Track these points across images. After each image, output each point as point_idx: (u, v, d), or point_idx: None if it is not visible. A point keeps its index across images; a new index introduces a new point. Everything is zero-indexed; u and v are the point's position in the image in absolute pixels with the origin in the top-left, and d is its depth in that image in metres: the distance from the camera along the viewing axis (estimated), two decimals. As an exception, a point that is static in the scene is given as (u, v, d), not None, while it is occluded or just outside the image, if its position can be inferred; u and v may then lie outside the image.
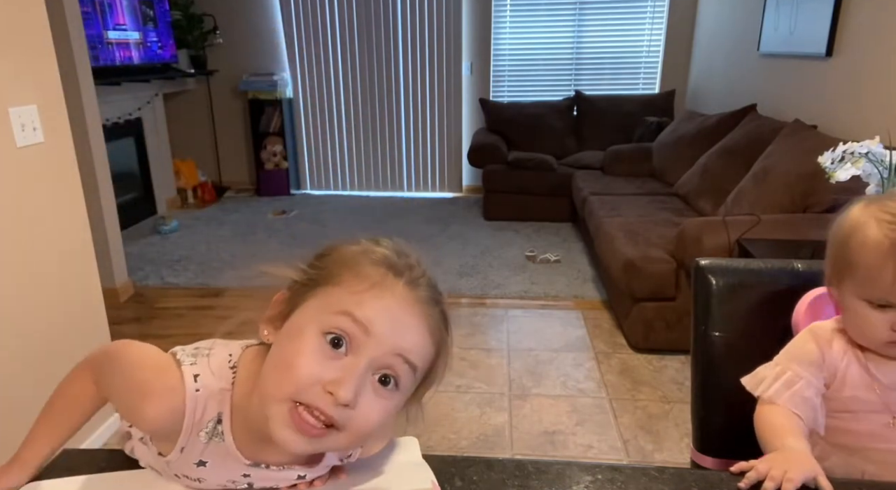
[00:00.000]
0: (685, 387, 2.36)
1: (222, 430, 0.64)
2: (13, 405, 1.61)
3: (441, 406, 2.25)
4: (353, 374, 0.57)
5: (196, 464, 0.66)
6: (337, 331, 0.58)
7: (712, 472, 0.83)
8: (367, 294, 0.59)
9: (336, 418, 0.57)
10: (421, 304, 0.61)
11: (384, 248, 0.64)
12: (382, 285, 0.60)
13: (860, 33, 2.68)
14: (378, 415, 0.60)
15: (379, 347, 0.58)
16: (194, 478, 0.68)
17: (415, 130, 5.33)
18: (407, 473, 0.72)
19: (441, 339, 0.63)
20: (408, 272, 0.62)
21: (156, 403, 0.62)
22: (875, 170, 1.84)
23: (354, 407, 0.58)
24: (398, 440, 0.79)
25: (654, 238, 2.74)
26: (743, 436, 1.06)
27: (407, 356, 0.59)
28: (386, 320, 0.59)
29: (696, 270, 1.08)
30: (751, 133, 3.20)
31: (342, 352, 0.58)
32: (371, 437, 0.64)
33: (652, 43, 5.02)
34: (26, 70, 1.67)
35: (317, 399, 0.57)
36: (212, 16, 5.11)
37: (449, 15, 4.96)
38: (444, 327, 0.64)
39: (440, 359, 0.64)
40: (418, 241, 3.36)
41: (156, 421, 0.62)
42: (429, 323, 0.61)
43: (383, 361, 0.59)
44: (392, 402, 0.61)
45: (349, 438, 0.60)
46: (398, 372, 0.60)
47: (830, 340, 0.89)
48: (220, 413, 0.64)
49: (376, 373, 0.59)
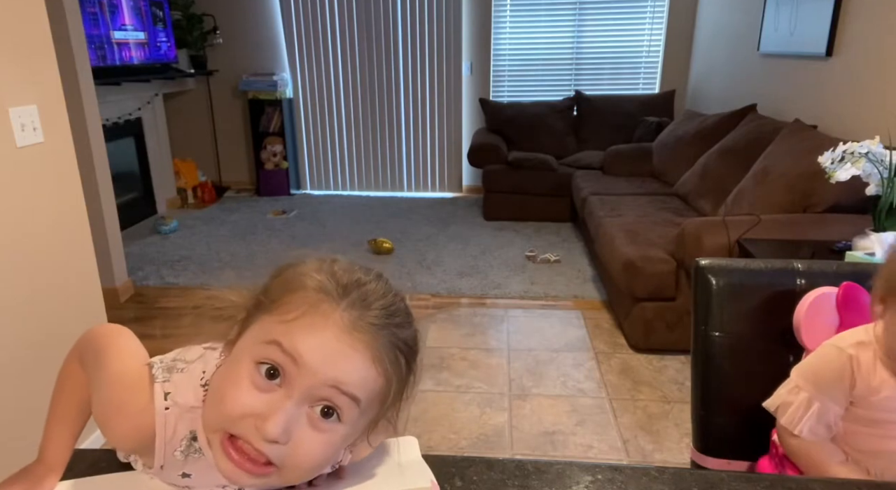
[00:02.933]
0: (685, 387, 2.36)
1: (199, 447, 0.63)
2: (13, 405, 1.61)
3: (441, 406, 2.25)
4: (281, 409, 0.54)
5: (181, 476, 0.65)
6: (269, 361, 0.55)
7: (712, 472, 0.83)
8: (297, 322, 0.56)
9: (269, 455, 0.55)
10: (362, 332, 0.56)
11: (326, 273, 0.59)
12: (315, 312, 0.56)
13: (860, 33, 2.68)
14: (319, 449, 0.57)
15: (311, 379, 0.55)
16: (183, 486, 0.67)
17: (415, 130, 5.33)
18: (407, 473, 0.72)
19: (391, 366, 0.58)
20: (351, 297, 0.57)
21: (123, 421, 0.62)
22: (875, 170, 1.84)
23: (287, 442, 0.55)
24: (398, 440, 0.79)
25: (654, 238, 2.74)
26: (743, 436, 1.06)
27: (343, 388, 0.55)
28: (317, 351, 0.55)
29: (696, 270, 1.08)
30: (751, 133, 3.20)
31: (276, 383, 0.55)
32: (318, 472, 0.62)
33: (652, 43, 5.01)
34: (26, 70, 1.67)
35: (248, 433, 0.55)
36: (212, 16, 5.11)
37: (449, 15, 4.96)
38: (400, 352, 0.59)
39: (392, 387, 0.59)
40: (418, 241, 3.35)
41: (124, 438, 0.63)
42: (373, 351, 0.56)
43: (318, 394, 0.55)
44: (336, 434, 0.58)
45: (292, 475, 0.58)
46: (337, 404, 0.56)
47: (858, 356, 0.87)
48: (192, 431, 0.63)
49: (314, 405, 0.56)
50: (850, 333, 0.92)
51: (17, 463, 0.72)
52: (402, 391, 0.61)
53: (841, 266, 1.05)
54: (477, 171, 4.83)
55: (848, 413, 0.89)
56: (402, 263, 3.70)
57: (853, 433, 0.89)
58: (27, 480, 0.69)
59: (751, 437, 1.04)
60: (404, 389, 0.62)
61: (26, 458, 0.73)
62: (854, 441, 0.89)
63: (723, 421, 1.07)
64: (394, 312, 0.59)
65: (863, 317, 0.91)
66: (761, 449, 1.03)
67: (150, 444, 0.62)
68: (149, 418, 0.62)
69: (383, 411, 0.61)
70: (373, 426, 0.63)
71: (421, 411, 2.21)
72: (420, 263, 3.70)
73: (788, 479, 0.74)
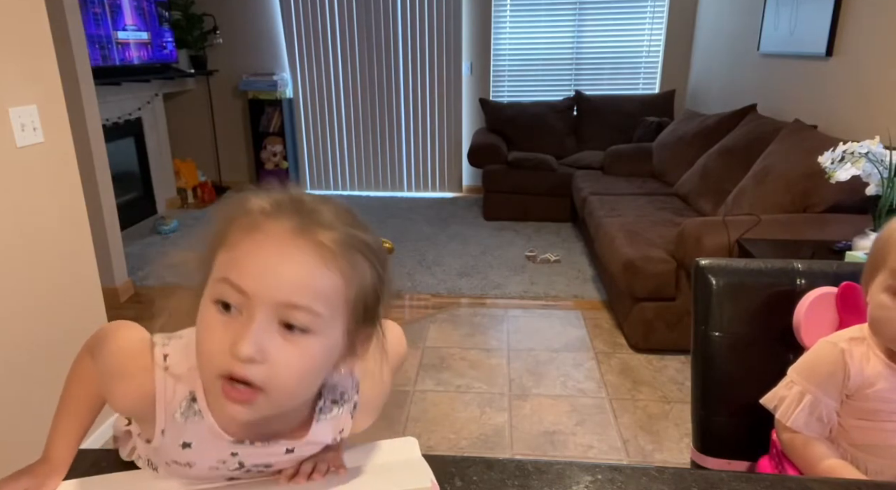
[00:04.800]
0: (685, 387, 2.36)
1: (199, 409, 0.64)
2: (13, 405, 1.61)
3: (441, 406, 2.25)
4: (247, 331, 0.55)
5: (181, 446, 0.66)
6: (221, 299, 0.57)
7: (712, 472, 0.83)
8: (241, 249, 0.57)
9: (252, 378, 0.56)
10: (306, 236, 0.56)
11: (266, 194, 0.60)
12: (257, 231, 0.57)
13: (860, 33, 2.68)
14: (298, 361, 0.58)
15: (263, 303, 0.56)
16: (184, 462, 0.67)
17: (415, 130, 5.32)
18: (406, 473, 0.72)
19: (347, 265, 0.58)
20: (293, 207, 0.58)
21: (126, 383, 0.64)
22: (875, 170, 1.84)
23: (264, 360, 0.56)
24: (397, 440, 0.79)
25: (654, 238, 2.74)
26: (743, 436, 1.06)
27: (297, 303, 0.56)
28: (260, 276, 0.56)
29: (696, 270, 1.08)
30: (751, 133, 3.19)
31: (237, 313, 0.57)
32: (307, 389, 0.62)
33: (652, 43, 5.01)
34: (26, 70, 1.67)
35: (229, 366, 0.56)
36: (212, 16, 5.11)
37: (449, 15, 4.96)
38: (357, 251, 0.59)
39: (353, 287, 0.59)
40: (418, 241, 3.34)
41: (125, 398, 0.65)
42: (321, 252, 0.56)
43: (276, 314, 0.56)
44: (312, 346, 0.58)
45: (279, 394, 0.58)
46: (299, 319, 0.57)
47: (850, 349, 0.89)
48: (192, 392, 0.64)
49: (280, 322, 0.57)
50: (844, 331, 0.93)
51: (17, 464, 0.72)
52: (371, 293, 0.61)
53: (841, 266, 1.05)
54: (477, 171, 4.82)
55: (845, 407, 0.89)
56: (402, 263, 3.70)
57: (851, 428, 0.90)
58: (30, 478, 0.69)
59: (751, 437, 1.04)
60: (376, 291, 0.61)
61: (26, 458, 0.73)
62: (852, 436, 0.90)
63: (723, 421, 1.07)
64: (342, 214, 0.60)
65: (862, 317, 0.91)
66: (761, 449, 1.03)
67: (151, 408, 0.64)
68: (150, 380, 0.63)
69: (356, 315, 0.61)
70: (354, 334, 0.62)
71: (421, 411, 2.21)
72: (420, 263, 3.70)
73: (788, 478, 0.74)
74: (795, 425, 0.91)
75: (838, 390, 0.89)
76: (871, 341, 0.89)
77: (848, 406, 0.89)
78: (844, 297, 0.96)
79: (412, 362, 2.56)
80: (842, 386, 0.88)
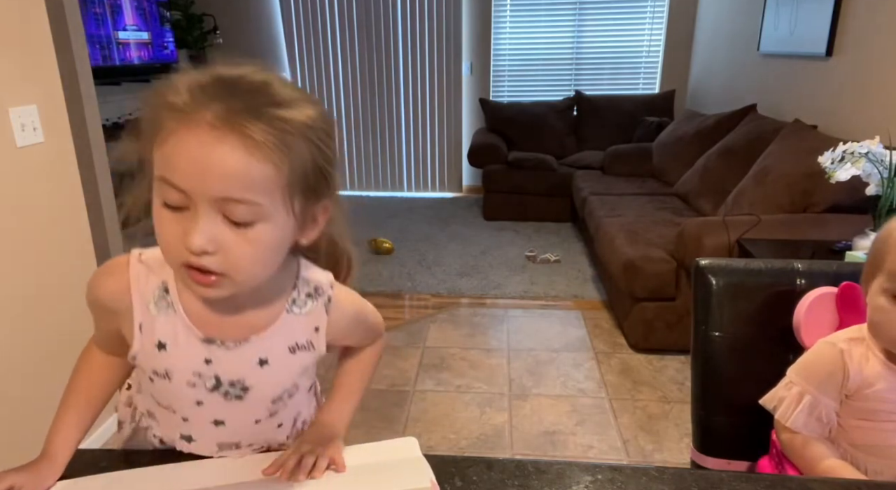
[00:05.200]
0: (685, 387, 2.36)
1: (171, 301, 0.68)
2: (13, 407, 1.61)
3: (441, 406, 2.25)
4: (194, 224, 0.58)
5: (157, 347, 0.68)
6: (165, 198, 0.59)
7: (712, 472, 0.83)
8: (171, 145, 0.57)
9: (209, 267, 0.59)
10: (228, 126, 0.56)
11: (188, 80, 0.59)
12: (181, 125, 0.56)
13: (860, 33, 2.68)
14: (249, 248, 0.60)
15: (202, 199, 0.57)
16: (162, 372, 0.70)
17: (415, 130, 5.32)
18: (406, 472, 0.72)
19: (274, 150, 0.57)
20: (212, 93, 0.57)
21: (107, 275, 0.70)
22: (875, 170, 1.84)
23: (217, 250, 0.59)
24: (398, 440, 0.79)
25: (654, 238, 2.74)
26: (743, 436, 1.06)
27: (233, 197, 0.57)
28: (190, 172, 0.57)
29: (696, 270, 1.08)
30: (751, 133, 3.19)
31: (184, 208, 0.59)
32: (268, 268, 0.64)
33: (652, 43, 5.01)
34: (26, 70, 1.67)
35: (187, 257, 0.59)
36: (212, 16, 5.11)
37: (449, 15, 4.96)
38: (285, 132, 0.58)
39: (285, 170, 0.59)
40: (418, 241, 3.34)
41: (106, 287, 0.69)
42: (245, 142, 0.56)
43: (217, 208, 0.58)
44: (259, 232, 0.60)
45: (240, 276, 0.61)
46: (238, 213, 0.58)
47: (850, 350, 0.89)
48: (164, 282, 0.68)
49: (223, 215, 0.58)
50: (843, 331, 0.93)
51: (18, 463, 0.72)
52: (312, 171, 0.62)
53: (841, 266, 1.05)
54: (477, 171, 4.82)
55: (844, 407, 0.89)
56: (402, 263, 3.70)
57: (851, 428, 0.90)
58: (27, 474, 0.70)
59: (751, 437, 1.04)
60: (318, 167, 0.62)
61: (26, 457, 0.73)
62: (852, 436, 0.90)
63: (723, 421, 1.07)
64: (274, 91, 0.59)
65: (862, 317, 0.91)
66: (761, 449, 1.03)
67: (128, 296, 0.68)
68: (123, 269, 0.69)
69: (300, 195, 0.62)
70: (305, 211, 0.64)
71: (421, 411, 2.21)
72: (420, 263, 3.70)
73: (788, 479, 0.74)
74: (795, 426, 0.91)
75: (837, 391, 0.89)
76: (871, 342, 0.89)
77: (847, 406, 0.89)
78: (844, 297, 0.96)
79: (412, 362, 2.56)
80: (841, 386, 0.88)
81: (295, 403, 0.80)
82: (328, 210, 0.68)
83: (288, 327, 0.71)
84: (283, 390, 0.75)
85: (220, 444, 0.77)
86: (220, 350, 0.69)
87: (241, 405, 0.74)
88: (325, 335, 0.74)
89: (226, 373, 0.71)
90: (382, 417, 2.17)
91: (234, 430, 0.76)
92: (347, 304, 0.77)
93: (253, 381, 0.72)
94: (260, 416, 0.77)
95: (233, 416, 0.75)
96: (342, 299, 0.76)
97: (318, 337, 0.74)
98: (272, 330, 0.70)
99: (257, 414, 0.76)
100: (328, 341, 0.75)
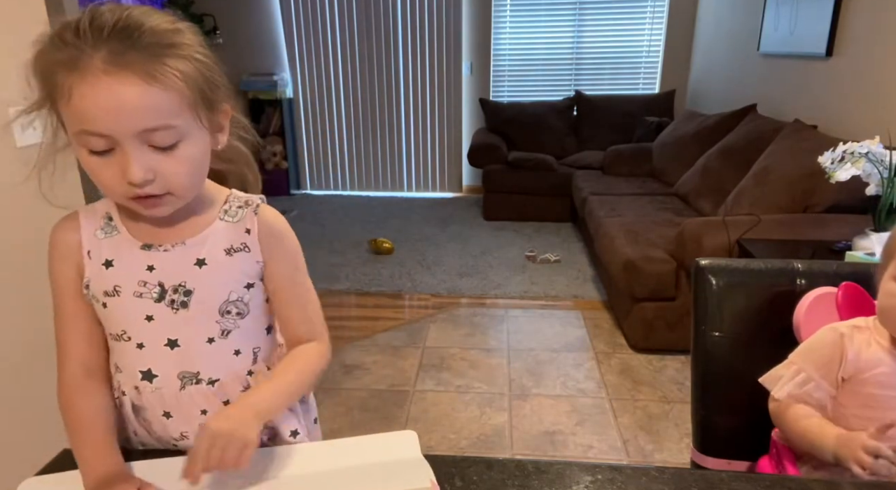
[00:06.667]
0: (685, 387, 2.36)
1: (115, 224, 0.77)
2: (13, 406, 1.61)
3: (441, 406, 2.25)
4: (127, 160, 0.64)
5: (105, 265, 0.75)
6: (92, 147, 0.65)
7: (712, 472, 0.83)
8: (75, 98, 0.62)
9: (154, 191, 0.67)
10: (119, 66, 0.61)
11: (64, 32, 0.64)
12: (76, 76, 0.61)
13: (860, 33, 2.68)
14: (183, 166, 0.68)
15: (125, 136, 0.63)
16: (112, 289, 0.74)
17: (415, 130, 5.32)
18: (406, 472, 0.72)
19: (167, 76, 0.63)
20: (91, 39, 0.62)
21: (57, 226, 0.79)
22: (875, 170, 1.84)
23: (155, 176, 0.66)
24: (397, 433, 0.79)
25: (654, 238, 2.74)
26: (743, 436, 1.07)
27: (149, 126, 0.64)
28: (104, 117, 0.62)
29: (696, 270, 1.08)
30: (751, 133, 3.19)
31: (111, 150, 0.65)
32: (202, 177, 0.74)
33: (652, 43, 5.01)
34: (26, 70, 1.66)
35: (131, 192, 0.66)
36: (212, 16, 5.11)
37: (449, 15, 4.96)
38: (170, 57, 0.64)
39: (186, 91, 0.65)
40: (418, 241, 3.34)
41: (57, 233, 0.78)
42: (140, 76, 0.62)
43: (141, 139, 0.64)
44: (185, 149, 0.67)
45: (183, 191, 0.70)
46: (160, 140, 0.65)
47: (851, 335, 0.90)
48: (108, 213, 0.78)
49: (148, 144, 0.65)
50: (849, 320, 0.94)
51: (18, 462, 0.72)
52: (204, 81, 0.68)
53: (841, 266, 1.05)
54: (477, 171, 4.82)
55: (845, 393, 0.90)
56: (402, 263, 3.70)
57: (851, 417, 0.90)
58: None
59: (751, 437, 1.04)
60: (207, 77, 0.68)
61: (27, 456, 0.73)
62: (852, 425, 0.90)
63: (723, 421, 1.07)
64: (136, 27, 0.63)
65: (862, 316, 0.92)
66: (761, 449, 1.03)
67: (78, 233, 0.77)
68: (77, 220, 0.78)
69: (203, 105, 0.69)
70: (213, 119, 0.72)
71: (421, 411, 2.21)
72: (420, 263, 3.70)
73: (788, 479, 0.74)
74: (780, 395, 0.93)
75: (834, 372, 0.90)
76: (876, 331, 0.90)
77: (847, 392, 0.90)
78: (845, 297, 0.96)
79: (412, 362, 2.56)
80: (838, 368, 0.89)
81: (250, 331, 0.81)
82: (228, 113, 0.76)
83: (222, 232, 0.78)
84: (227, 298, 0.77)
85: (182, 376, 0.78)
86: (158, 254, 0.75)
87: (189, 317, 0.76)
88: (257, 238, 0.78)
89: (168, 277, 0.75)
90: (382, 417, 2.17)
91: (190, 354, 0.77)
92: (275, 219, 0.82)
93: (194, 283, 0.75)
94: (212, 333, 0.78)
95: (184, 333, 0.77)
96: (272, 210, 0.82)
97: (251, 239, 0.78)
98: (206, 233, 0.76)
99: (208, 329, 0.77)
100: (262, 267, 0.80)
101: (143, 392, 0.79)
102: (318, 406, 1.00)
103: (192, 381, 0.79)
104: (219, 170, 0.85)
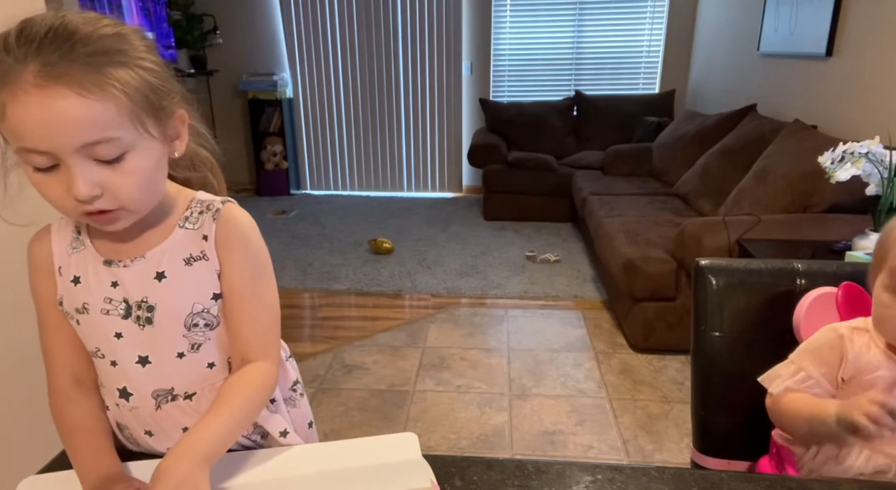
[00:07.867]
0: (685, 387, 2.36)
1: (82, 239, 0.76)
2: (13, 406, 1.61)
3: (441, 406, 2.25)
4: (72, 176, 0.61)
5: (74, 283, 0.74)
6: (34, 164, 0.62)
7: (712, 472, 0.83)
8: (11, 115, 0.59)
9: (104, 206, 0.64)
10: (51, 79, 0.58)
11: None
12: (9, 93, 0.58)
13: (860, 33, 2.68)
14: (131, 179, 0.64)
15: (65, 152, 0.60)
16: (81, 305, 0.73)
17: (415, 130, 5.32)
18: (406, 472, 0.72)
19: (103, 87, 0.60)
20: (20, 51, 0.58)
21: (33, 239, 0.79)
22: (875, 170, 1.84)
23: (103, 191, 0.63)
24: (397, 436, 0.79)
25: (654, 238, 2.74)
26: (743, 436, 1.06)
27: (89, 141, 0.60)
28: (45, 135, 0.59)
29: (696, 270, 1.08)
30: (751, 133, 3.19)
31: (54, 167, 0.62)
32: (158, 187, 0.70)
33: (652, 43, 5.01)
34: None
35: (81, 208, 0.64)
36: (212, 16, 5.11)
37: (449, 15, 4.96)
38: (106, 65, 0.60)
39: (125, 99, 0.61)
40: (418, 241, 3.34)
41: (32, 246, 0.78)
42: (74, 88, 0.58)
43: (84, 154, 0.61)
44: (132, 161, 0.64)
45: (134, 205, 0.67)
46: (103, 153, 0.62)
47: (851, 336, 0.90)
48: (77, 227, 0.76)
49: (92, 159, 0.62)
50: (848, 322, 0.94)
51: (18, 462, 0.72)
52: (148, 88, 0.64)
53: (841, 266, 1.05)
54: (477, 171, 4.82)
55: (842, 392, 0.90)
56: (402, 263, 3.70)
57: None
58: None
59: (751, 437, 1.04)
60: (151, 84, 0.64)
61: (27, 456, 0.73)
62: None
63: (723, 421, 1.07)
64: (66, 36, 0.60)
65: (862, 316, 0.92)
66: (761, 449, 1.03)
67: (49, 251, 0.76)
68: (49, 234, 0.77)
69: (150, 114, 0.65)
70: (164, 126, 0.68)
71: (421, 411, 2.21)
72: (420, 263, 3.70)
73: (788, 479, 0.74)
74: (777, 390, 0.92)
75: (834, 372, 0.89)
76: (874, 334, 0.90)
77: (846, 392, 0.89)
78: (845, 297, 0.96)
79: (412, 362, 2.56)
80: (838, 368, 0.89)
81: (223, 342, 0.78)
82: (185, 119, 0.72)
83: (180, 241, 0.75)
84: (191, 311, 0.74)
85: (156, 394, 0.77)
86: (120, 269, 0.73)
87: (155, 333, 0.74)
88: (214, 245, 0.75)
89: (131, 294, 0.73)
90: (382, 417, 2.17)
91: (161, 370, 0.76)
92: (241, 217, 0.77)
93: (156, 298, 0.73)
94: (180, 348, 0.76)
95: (153, 349, 0.75)
96: (234, 213, 0.77)
97: (209, 246, 0.75)
98: (165, 244, 0.74)
99: (176, 344, 0.75)
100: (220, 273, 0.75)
101: (122, 409, 0.78)
102: (318, 406, 1.00)
103: (168, 398, 0.77)
104: (182, 177, 0.82)
